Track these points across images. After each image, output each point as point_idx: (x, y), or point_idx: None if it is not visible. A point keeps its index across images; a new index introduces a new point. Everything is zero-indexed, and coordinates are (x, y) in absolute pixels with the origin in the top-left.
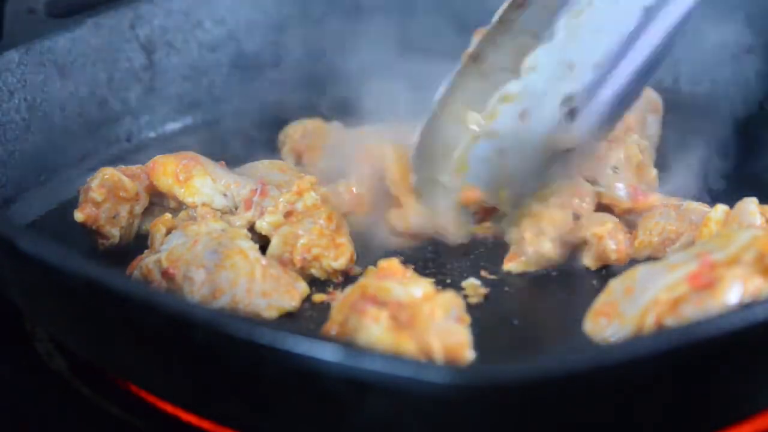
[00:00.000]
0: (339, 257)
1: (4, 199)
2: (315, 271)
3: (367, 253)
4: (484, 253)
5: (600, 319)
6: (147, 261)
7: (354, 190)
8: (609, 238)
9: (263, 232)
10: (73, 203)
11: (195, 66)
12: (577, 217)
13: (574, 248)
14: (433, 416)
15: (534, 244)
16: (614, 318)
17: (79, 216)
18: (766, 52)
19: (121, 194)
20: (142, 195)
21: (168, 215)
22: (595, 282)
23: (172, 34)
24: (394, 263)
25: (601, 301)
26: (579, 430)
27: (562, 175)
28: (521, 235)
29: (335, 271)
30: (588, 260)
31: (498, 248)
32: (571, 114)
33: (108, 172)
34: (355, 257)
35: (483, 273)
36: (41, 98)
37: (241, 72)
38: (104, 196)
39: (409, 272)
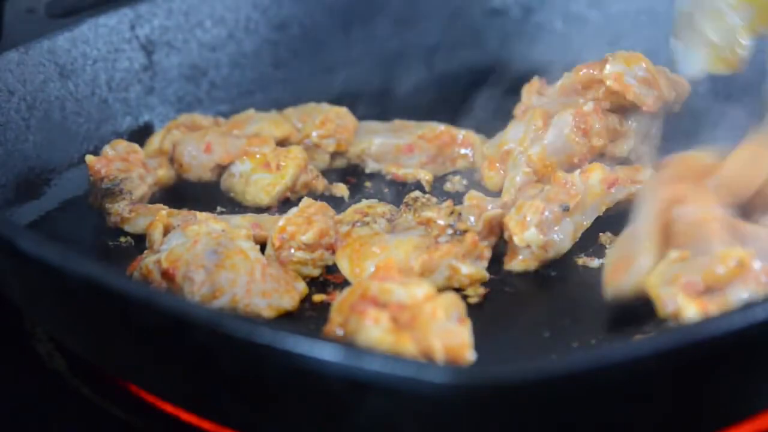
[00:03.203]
0: (307, 232)
1: (4, 199)
2: (300, 254)
3: None
4: None
5: (617, 277)
6: (147, 261)
7: None
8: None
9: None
10: (73, 203)
11: (195, 66)
12: (566, 209)
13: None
14: (434, 416)
15: (518, 233)
16: (629, 265)
17: (90, 158)
18: None
19: (131, 158)
20: (152, 167)
21: (164, 212)
22: (595, 281)
23: (172, 34)
24: (391, 263)
25: (611, 263)
26: (579, 430)
27: None
28: (508, 229)
29: (308, 247)
30: (585, 259)
31: (498, 248)
32: None
33: (119, 141)
34: (329, 233)
35: None
36: (41, 98)
37: (241, 72)
38: (115, 153)
39: (408, 272)
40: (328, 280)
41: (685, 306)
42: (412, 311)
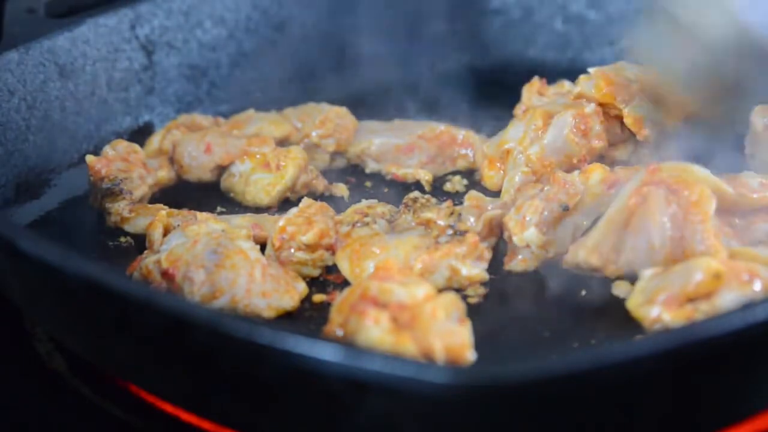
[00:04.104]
0: (308, 232)
1: (4, 199)
2: (300, 255)
3: None
4: None
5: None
6: (147, 261)
7: None
8: None
9: None
10: (73, 203)
11: (195, 66)
12: (566, 209)
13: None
14: (434, 416)
15: (518, 233)
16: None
17: (90, 158)
18: None
19: (131, 158)
20: (153, 168)
21: (164, 212)
22: (595, 281)
23: (172, 34)
24: (390, 263)
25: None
26: (579, 430)
27: None
28: (508, 229)
29: (308, 247)
30: None
31: (498, 248)
32: None
33: (119, 141)
34: (329, 233)
35: None
36: (41, 98)
37: (241, 72)
38: (115, 153)
39: (408, 272)
40: (328, 280)
41: (671, 321)
42: (412, 311)
